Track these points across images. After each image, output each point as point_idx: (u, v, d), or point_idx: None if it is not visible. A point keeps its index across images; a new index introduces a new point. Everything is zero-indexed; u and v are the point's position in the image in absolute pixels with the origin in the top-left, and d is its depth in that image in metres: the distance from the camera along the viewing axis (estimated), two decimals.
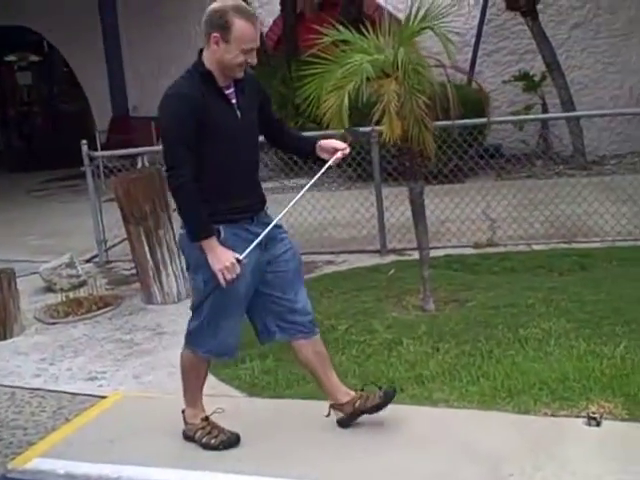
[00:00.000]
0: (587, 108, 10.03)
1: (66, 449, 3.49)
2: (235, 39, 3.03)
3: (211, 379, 4.11)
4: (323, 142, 3.37)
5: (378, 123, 4.86)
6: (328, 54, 4.89)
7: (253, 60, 3.11)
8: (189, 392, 3.45)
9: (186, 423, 3.45)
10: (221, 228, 3.12)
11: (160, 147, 3.31)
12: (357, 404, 3.41)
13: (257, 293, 3.28)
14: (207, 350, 3.31)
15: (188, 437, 3.43)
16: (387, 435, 3.37)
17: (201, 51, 3.17)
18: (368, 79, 4.74)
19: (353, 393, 3.43)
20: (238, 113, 3.18)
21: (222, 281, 3.04)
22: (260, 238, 3.15)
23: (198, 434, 3.39)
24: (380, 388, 3.45)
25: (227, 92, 3.17)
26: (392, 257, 6.26)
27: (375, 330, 4.58)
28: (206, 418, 3.42)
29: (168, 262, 5.70)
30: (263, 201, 3.32)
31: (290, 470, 3.15)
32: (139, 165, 10.78)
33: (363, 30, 4.89)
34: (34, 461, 3.34)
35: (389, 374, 3.98)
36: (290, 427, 3.53)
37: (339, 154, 3.29)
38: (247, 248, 3.09)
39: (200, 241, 3.07)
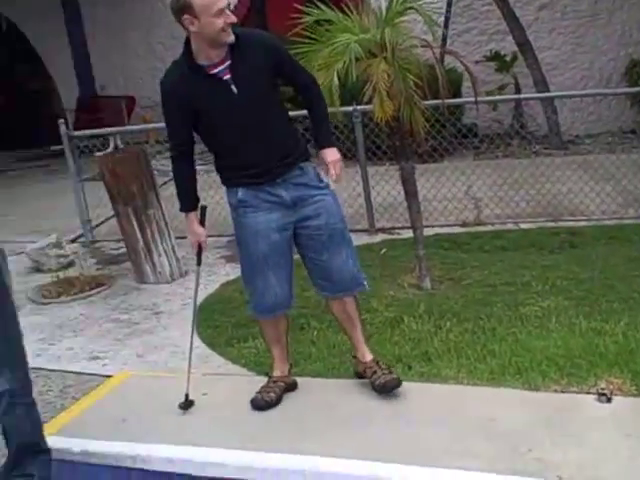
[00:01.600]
0: (558, 88, 10.11)
1: (80, 427, 3.48)
2: (202, 11, 3.09)
3: (217, 359, 4.15)
4: (322, 152, 3.47)
5: (368, 103, 4.87)
6: (309, 33, 4.86)
7: (230, 18, 3.15)
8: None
9: None
10: (239, 190, 3.33)
11: (134, 127, 3.46)
12: (366, 371, 3.56)
13: (299, 251, 3.47)
14: (252, 307, 3.54)
15: None
16: (399, 411, 3.40)
17: (187, 40, 3.24)
18: (357, 59, 4.73)
19: (369, 359, 3.57)
20: (234, 88, 3.21)
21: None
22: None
23: (261, 385, 3.60)
24: (390, 370, 3.52)
25: (216, 70, 3.22)
26: (381, 236, 6.29)
27: (375, 309, 4.59)
28: (270, 377, 3.61)
29: (159, 242, 5.65)
30: (289, 163, 3.33)
31: (305, 446, 3.16)
32: (111, 145, 10.63)
33: (345, 10, 4.86)
34: (49, 439, 3.30)
35: (395, 351, 4.01)
36: (298, 405, 3.55)
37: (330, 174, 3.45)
38: (270, 209, 3.31)
39: (182, 211, 3.46)
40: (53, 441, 3.15)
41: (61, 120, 7.24)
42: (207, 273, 5.63)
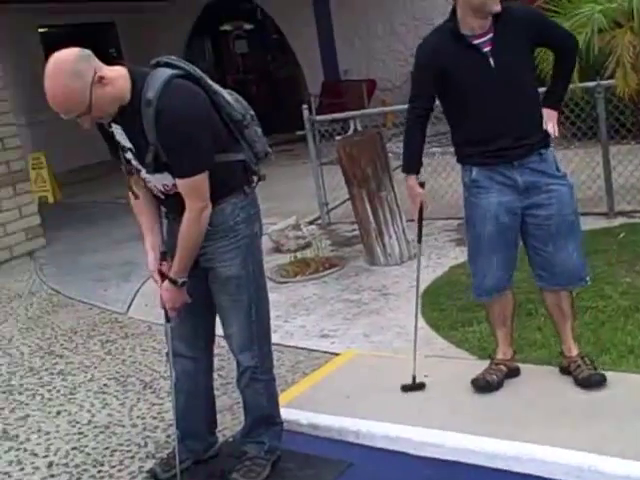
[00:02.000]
0: None
1: (307, 401, 3.69)
2: None
3: (441, 341, 4.20)
4: (546, 111, 3.36)
5: (611, 77, 4.64)
6: (551, 6, 4.70)
7: None
8: None
9: None
10: (473, 169, 3.30)
11: (372, 110, 3.51)
12: (570, 365, 3.47)
13: (523, 238, 3.42)
14: (473, 290, 3.54)
15: None
16: (628, 405, 3.23)
17: (454, 9, 3.23)
18: (600, 30, 4.52)
19: (575, 353, 3.48)
20: (491, 61, 3.18)
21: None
22: None
23: (485, 368, 3.59)
24: (594, 366, 3.43)
25: (477, 41, 3.18)
26: (621, 220, 5.96)
27: (608, 296, 4.39)
28: (493, 360, 3.60)
29: (390, 223, 5.79)
30: (528, 146, 3.24)
31: (523, 434, 3.11)
32: (351, 128, 10.95)
33: None
34: (281, 411, 3.55)
35: (627, 341, 3.82)
36: (519, 391, 3.50)
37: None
38: (501, 191, 3.26)
39: (404, 172, 3.46)
40: (283, 413, 3.37)
41: (304, 105, 7.60)
42: (436, 255, 5.69)
